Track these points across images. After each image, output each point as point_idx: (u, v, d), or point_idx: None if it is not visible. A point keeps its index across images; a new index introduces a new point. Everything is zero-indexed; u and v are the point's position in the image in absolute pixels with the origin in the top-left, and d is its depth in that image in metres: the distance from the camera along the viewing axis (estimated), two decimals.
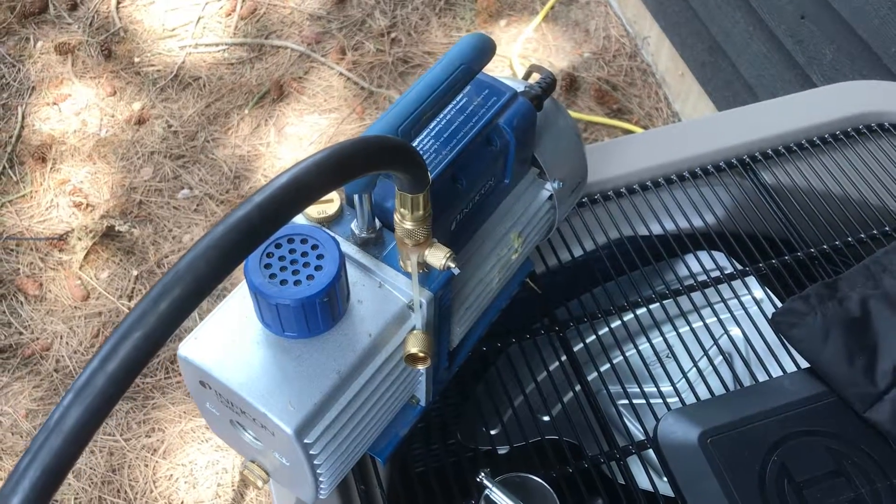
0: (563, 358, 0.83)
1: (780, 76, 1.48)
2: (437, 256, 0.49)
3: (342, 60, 2.15)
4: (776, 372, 0.69)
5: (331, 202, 0.53)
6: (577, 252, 0.79)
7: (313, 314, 0.47)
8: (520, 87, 0.61)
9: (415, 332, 0.52)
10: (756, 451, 0.60)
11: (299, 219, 0.53)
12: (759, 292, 0.79)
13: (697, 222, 0.80)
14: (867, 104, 0.84)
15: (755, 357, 0.72)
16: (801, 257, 0.75)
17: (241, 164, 1.95)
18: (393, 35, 2.21)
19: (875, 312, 0.66)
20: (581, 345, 0.83)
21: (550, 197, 0.64)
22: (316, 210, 0.53)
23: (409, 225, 0.47)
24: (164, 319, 0.30)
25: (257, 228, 0.33)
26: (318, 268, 0.46)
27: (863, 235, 0.75)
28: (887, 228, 0.76)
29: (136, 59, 2.16)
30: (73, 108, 2.05)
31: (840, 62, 1.32)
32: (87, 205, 1.85)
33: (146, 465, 1.48)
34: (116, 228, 1.80)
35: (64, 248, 1.78)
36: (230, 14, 2.28)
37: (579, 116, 1.98)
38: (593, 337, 0.83)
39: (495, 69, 2.10)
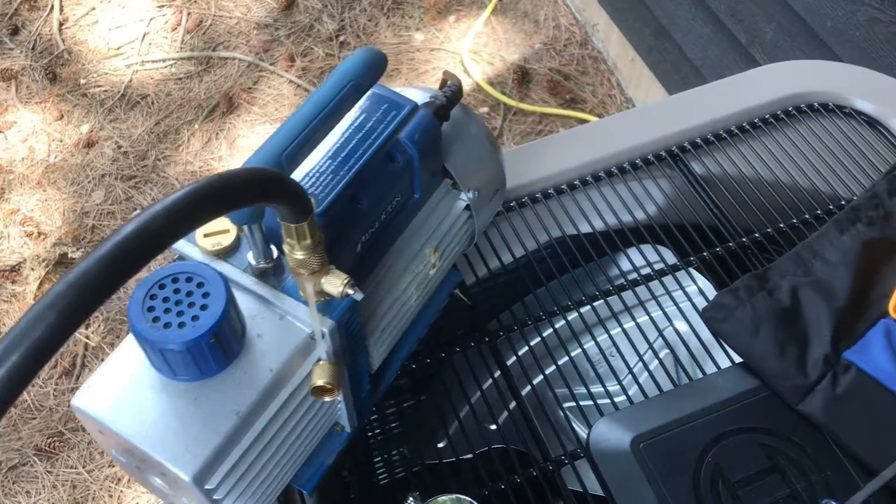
0: (511, 361, 0.82)
1: (724, 56, 1.47)
2: (335, 284, 0.47)
3: (291, 67, 2.12)
4: (724, 363, 0.68)
5: (226, 232, 0.51)
6: (519, 253, 0.77)
7: (202, 356, 0.45)
8: (425, 98, 0.59)
9: (320, 363, 0.50)
10: (689, 453, 0.59)
11: (194, 252, 0.51)
12: (700, 283, 0.78)
13: (633, 217, 0.79)
14: (798, 85, 0.83)
15: (702, 349, 0.70)
16: (733, 248, 0.73)
17: (194, 180, 1.92)
18: (342, 38, 2.18)
19: (805, 301, 0.65)
20: (526, 348, 0.81)
21: (467, 207, 0.63)
22: (211, 242, 0.51)
23: (299, 255, 0.45)
24: None
25: (98, 287, 0.31)
26: (203, 307, 0.44)
27: (795, 221, 0.74)
28: (819, 212, 0.75)
29: (82, 81, 2.13)
30: (20, 135, 2.01)
31: (780, 39, 1.31)
32: (39, 233, 1.82)
33: (111, 496, 1.45)
34: (69, 255, 1.76)
35: (17, 279, 1.74)
36: (175, 28, 2.24)
37: (533, 109, 1.97)
38: (538, 339, 0.82)
39: (448, 65, 2.09)
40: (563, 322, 0.80)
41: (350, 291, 0.47)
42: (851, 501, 0.55)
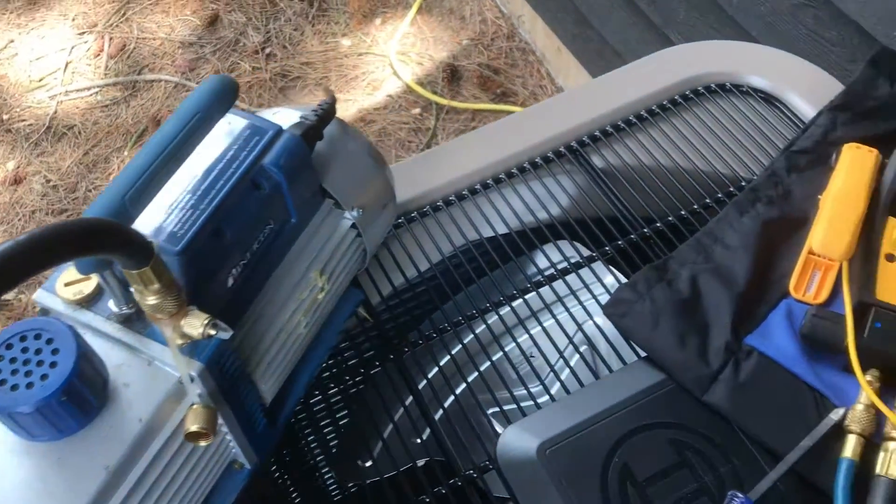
0: (433, 374, 0.81)
1: (642, 39, 1.47)
2: (194, 326, 0.45)
3: None
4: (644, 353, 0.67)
5: (87, 280, 0.49)
6: (427, 265, 0.75)
7: (57, 415, 0.43)
8: (294, 119, 0.58)
9: (194, 407, 0.48)
10: (596, 454, 0.58)
11: (56, 303, 0.49)
12: (609, 278, 0.77)
13: (542, 215, 0.78)
14: (693, 68, 0.83)
15: (622, 341, 0.69)
16: (635, 239, 0.73)
17: None
18: (268, 50, 2.15)
19: (705, 289, 0.64)
20: (447, 357, 0.80)
21: (354, 225, 0.61)
22: (72, 292, 0.49)
23: (151, 300, 0.44)
24: None
25: None
26: (52, 364, 0.42)
27: (696, 206, 0.74)
28: (720, 195, 0.74)
29: (5, 117, 2.07)
30: None
31: (692, 19, 1.31)
32: None
33: None
34: (2, 297, 1.72)
35: None
36: (98, 55, 2.20)
37: (465, 106, 1.95)
38: (459, 347, 0.81)
39: (375, 71, 2.07)
40: (483, 326, 0.79)
41: (212, 332, 0.45)
42: (756, 491, 0.55)
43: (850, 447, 0.55)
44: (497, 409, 0.78)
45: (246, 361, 0.53)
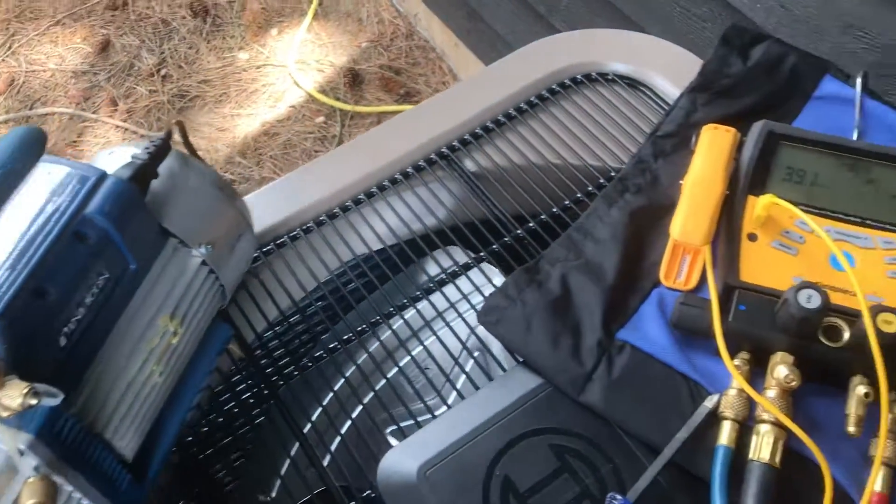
0: (327, 400, 0.79)
1: (530, 30, 1.46)
2: (13, 397, 0.42)
3: (115, 112, 2.02)
4: None
5: None
6: (300, 293, 0.73)
7: None
8: (125, 160, 0.55)
9: (30, 480, 0.45)
10: (477, 470, 0.57)
11: None
12: (498, 279, 0.76)
13: (423, 224, 0.76)
14: (557, 61, 0.82)
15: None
16: (509, 242, 0.72)
17: None
18: (163, 72, 2.09)
19: (575, 286, 0.64)
20: (342, 381, 0.78)
21: (205, 262, 0.59)
22: None
23: None
24: None
25: None
26: None
27: (567, 202, 0.73)
28: (591, 188, 0.74)
29: None
30: None
31: (575, 6, 1.31)
32: None
33: None
34: None
35: None
36: None
37: (369, 110, 1.93)
38: (353, 368, 0.79)
39: (276, 82, 2.03)
40: (377, 343, 0.78)
41: (32, 401, 0.42)
42: (635, 490, 0.54)
43: (725, 434, 0.55)
44: (395, 426, 0.76)
45: (93, 421, 0.51)
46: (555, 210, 0.72)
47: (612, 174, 0.74)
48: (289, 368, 0.74)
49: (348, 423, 0.75)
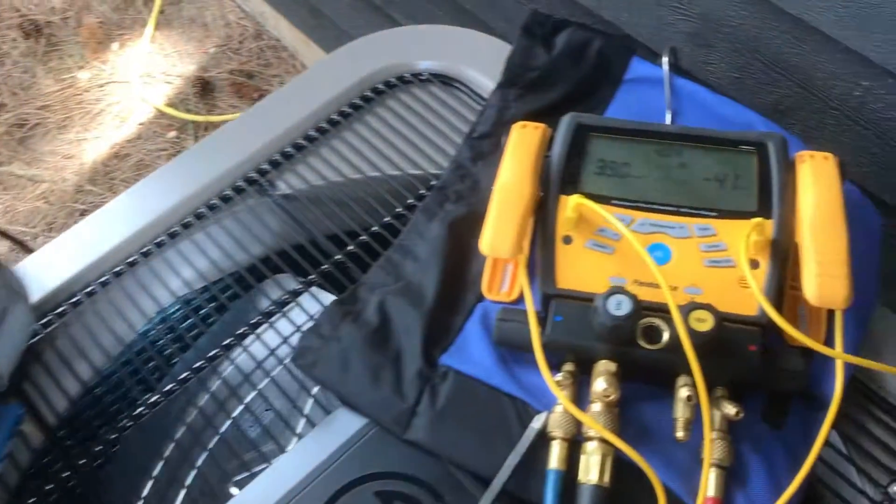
0: (168, 452, 0.73)
1: (371, 23, 1.41)
2: None
3: None
4: None
5: None
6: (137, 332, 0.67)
7: None
8: None
9: None
10: None
11: None
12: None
13: (250, 254, 0.71)
14: (367, 65, 0.77)
15: None
16: (328, 269, 0.67)
17: None
18: None
19: (394, 313, 0.59)
20: (171, 445, 0.73)
21: None
22: None
23: None
24: None
25: None
26: None
27: (388, 218, 0.69)
28: (411, 200, 0.69)
29: None
30: None
31: None
32: None
33: None
34: None
35: None
36: None
37: (223, 119, 1.84)
38: (183, 429, 0.73)
39: (121, 100, 1.91)
40: (207, 396, 0.72)
41: None
42: None
43: (555, 455, 0.52)
44: (246, 473, 0.71)
45: None
46: (374, 229, 0.68)
47: (433, 183, 0.70)
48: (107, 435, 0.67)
49: (182, 493, 0.70)
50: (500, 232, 0.56)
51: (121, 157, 1.80)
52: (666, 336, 0.52)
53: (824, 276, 0.52)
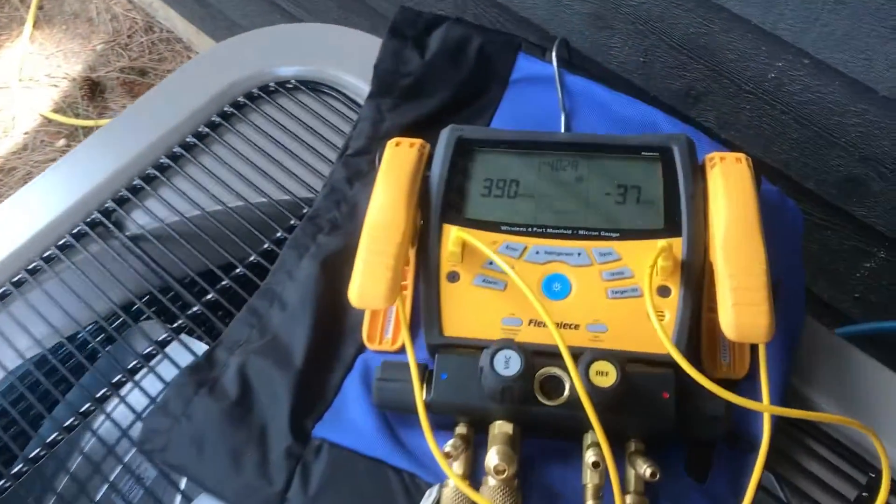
0: None
1: (263, 13, 1.30)
2: None
3: None
4: None
5: None
6: None
7: None
8: None
9: None
10: None
11: None
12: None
13: (103, 304, 0.61)
14: (226, 75, 0.68)
15: None
16: (184, 325, 0.58)
17: None
18: None
19: (257, 378, 0.51)
20: None
21: None
22: None
23: None
24: None
25: None
26: None
27: (253, 258, 0.60)
28: (280, 234, 0.61)
29: None
30: None
31: None
32: None
33: None
34: None
35: None
36: None
37: None
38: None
39: (2, 108, 1.76)
40: (66, 477, 0.63)
41: None
42: None
43: None
44: None
45: None
46: (239, 270, 0.59)
47: (306, 210, 0.61)
48: None
49: None
50: (372, 279, 0.48)
51: (6, 172, 1.66)
52: (567, 390, 0.45)
53: (741, 306, 0.45)
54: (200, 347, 0.62)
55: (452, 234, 0.50)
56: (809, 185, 0.70)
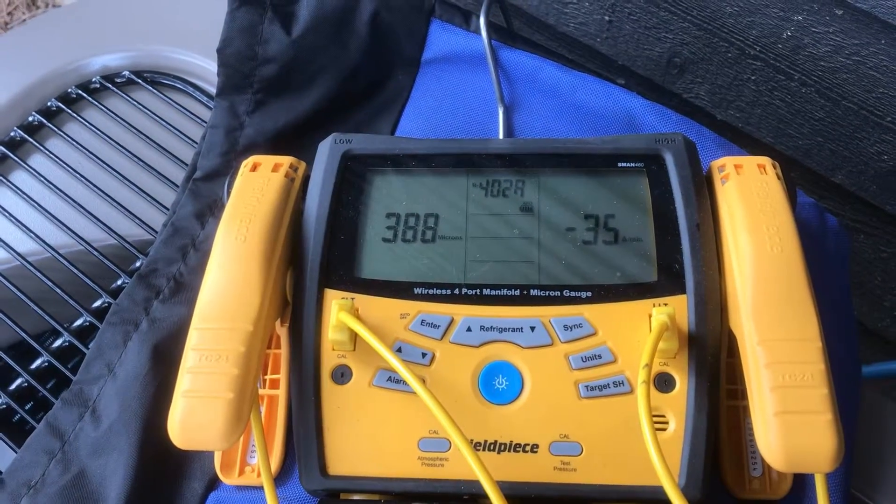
0: None
1: None
2: None
3: None
4: None
5: None
6: None
7: None
8: None
9: None
10: None
11: None
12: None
13: None
14: (35, 67, 0.48)
15: None
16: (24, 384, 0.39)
17: None
18: None
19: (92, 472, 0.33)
20: None
21: None
22: None
23: None
24: None
25: None
26: None
27: (65, 334, 0.41)
28: (104, 300, 0.42)
29: None
30: None
31: None
32: None
33: None
34: None
35: None
36: None
37: None
38: None
39: None
40: None
41: None
42: None
43: None
44: None
45: None
46: (43, 360, 0.40)
47: (138, 264, 0.43)
48: None
49: None
50: (202, 403, 0.29)
51: None
52: None
53: (791, 415, 0.28)
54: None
55: (336, 310, 0.32)
56: (838, 178, 0.53)
